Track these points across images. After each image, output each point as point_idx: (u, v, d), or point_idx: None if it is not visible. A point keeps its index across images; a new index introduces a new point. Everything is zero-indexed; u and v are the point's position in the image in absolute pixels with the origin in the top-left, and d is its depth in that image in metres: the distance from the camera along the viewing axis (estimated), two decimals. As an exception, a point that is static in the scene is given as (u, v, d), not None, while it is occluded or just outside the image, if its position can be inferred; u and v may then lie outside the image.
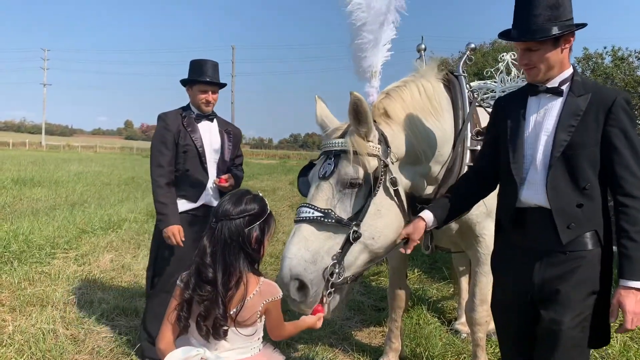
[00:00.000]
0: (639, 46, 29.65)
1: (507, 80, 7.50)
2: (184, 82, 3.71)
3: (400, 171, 2.65)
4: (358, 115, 2.43)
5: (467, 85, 3.07)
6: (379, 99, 2.73)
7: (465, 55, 3.26)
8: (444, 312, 5.03)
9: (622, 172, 2.03)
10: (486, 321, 3.24)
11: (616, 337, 4.02)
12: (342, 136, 2.53)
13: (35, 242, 6.81)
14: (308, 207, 2.40)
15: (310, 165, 2.73)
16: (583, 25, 2.17)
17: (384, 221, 2.49)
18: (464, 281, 4.71)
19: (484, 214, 2.98)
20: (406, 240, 2.45)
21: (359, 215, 2.41)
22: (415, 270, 6.46)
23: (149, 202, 11.14)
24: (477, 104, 3.15)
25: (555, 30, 2.05)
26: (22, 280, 5.17)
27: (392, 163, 2.56)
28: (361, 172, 2.43)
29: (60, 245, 6.87)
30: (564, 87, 2.14)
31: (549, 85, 2.16)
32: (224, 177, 3.64)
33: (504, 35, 2.22)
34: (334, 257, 2.36)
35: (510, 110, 2.28)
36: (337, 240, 2.37)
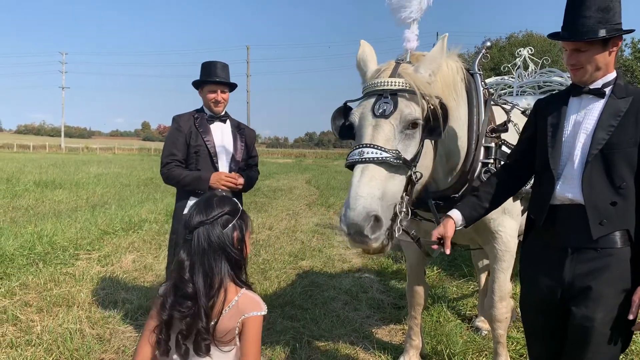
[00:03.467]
0: (659, 37, 29.02)
1: (525, 75, 7.46)
2: (195, 85, 3.79)
3: None
4: (439, 55, 2.53)
5: (483, 83, 3.08)
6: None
7: (482, 53, 3.27)
8: (464, 310, 5.02)
9: None
10: (506, 317, 3.24)
11: (634, 339, 3.99)
12: (394, 76, 2.49)
13: (59, 243, 6.96)
14: (373, 147, 2.32)
15: (346, 107, 2.66)
16: (631, 30, 2.22)
17: (426, 162, 2.53)
18: (484, 277, 4.70)
19: (499, 211, 2.96)
20: (441, 242, 2.44)
21: (417, 156, 2.43)
22: (435, 268, 6.45)
23: (169, 203, 11.28)
24: (492, 102, 3.15)
25: (603, 33, 2.08)
26: (47, 281, 5.28)
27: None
28: (422, 112, 2.41)
29: (83, 247, 6.99)
30: (607, 90, 2.17)
31: (592, 86, 2.19)
32: (233, 175, 3.65)
33: (554, 36, 2.25)
34: (401, 198, 2.36)
35: (550, 110, 2.32)
36: (400, 180, 2.36)
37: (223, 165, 3.73)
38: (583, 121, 2.19)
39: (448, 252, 2.42)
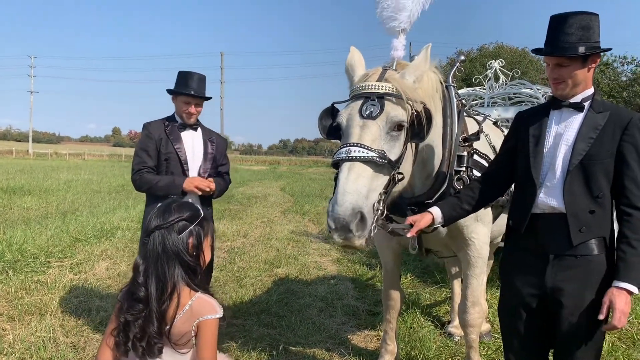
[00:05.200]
0: (622, 52, 30.12)
1: (495, 87, 7.67)
2: (170, 92, 3.81)
3: None
4: (424, 64, 2.65)
5: (456, 94, 3.20)
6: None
7: (456, 67, 3.39)
8: (437, 316, 5.12)
9: (630, 185, 2.21)
10: (478, 322, 3.34)
11: (605, 338, 4.14)
12: (380, 81, 2.60)
13: (29, 251, 6.83)
14: (360, 146, 2.41)
15: (334, 108, 2.75)
16: (609, 49, 2.37)
17: (407, 166, 2.64)
18: (457, 284, 4.81)
19: (472, 218, 3.09)
20: (411, 226, 2.57)
21: (400, 158, 2.53)
22: (408, 275, 6.56)
23: (141, 210, 11.10)
24: (465, 113, 3.27)
25: (583, 49, 2.21)
26: (18, 290, 5.19)
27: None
28: (406, 116, 2.53)
29: (55, 254, 6.88)
30: (586, 104, 2.30)
31: (572, 100, 2.32)
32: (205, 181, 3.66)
33: (537, 51, 2.36)
34: (379, 196, 2.44)
35: (532, 122, 2.43)
36: (383, 180, 2.46)
37: (193, 172, 3.76)
38: (564, 133, 2.31)
39: (409, 235, 2.57)
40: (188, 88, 3.69)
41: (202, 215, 2.12)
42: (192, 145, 3.79)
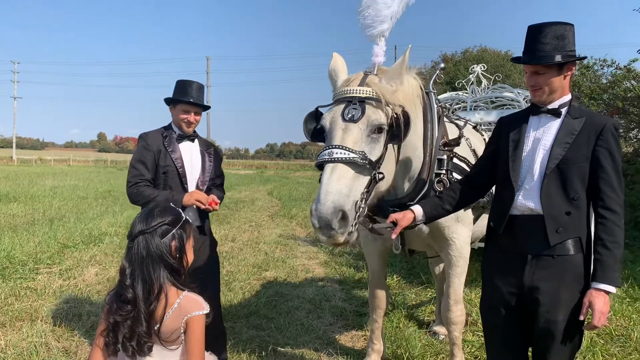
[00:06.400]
0: (602, 54, 30.66)
1: (478, 91, 7.83)
2: (167, 101, 3.71)
3: None
4: (402, 68, 2.76)
5: (436, 100, 3.33)
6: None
7: (436, 74, 3.52)
8: (422, 316, 5.24)
9: (605, 188, 2.31)
10: (461, 320, 3.46)
11: (585, 334, 4.29)
12: (362, 85, 2.72)
13: (17, 257, 6.85)
14: (341, 148, 2.53)
15: (317, 112, 2.86)
16: (584, 57, 2.53)
17: (389, 167, 2.76)
18: (441, 284, 4.92)
19: (452, 219, 3.23)
20: (394, 225, 2.68)
21: (381, 159, 2.65)
22: (394, 276, 6.67)
23: (129, 216, 11.17)
24: (446, 119, 3.40)
25: (559, 58, 2.33)
26: (8, 296, 5.22)
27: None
28: (386, 119, 2.65)
29: (43, 261, 6.90)
30: (563, 110, 2.42)
31: (550, 106, 2.43)
32: (213, 198, 3.59)
33: (516, 60, 2.49)
34: (362, 195, 2.55)
35: (512, 127, 2.55)
36: (365, 180, 2.57)
37: (192, 185, 3.66)
38: (542, 138, 2.43)
39: (394, 236, 2.69)
40: (187, 96, 3.58)
41: (184, 218, 2.21)
42: (190, 157, 3.67)
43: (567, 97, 2.44)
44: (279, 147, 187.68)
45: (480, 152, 3.61)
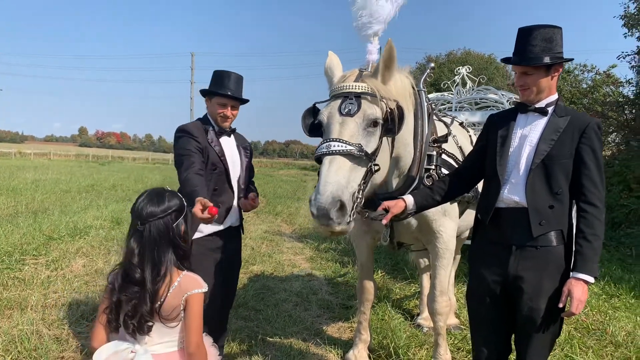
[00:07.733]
0: (582, 59, 31.24)
1: (463, 92, 8.00)
2: (203, 93, 3.43)
3: None
4: (389, 62, 2.85)
5: (426, 99, 3.46)
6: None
7: (427, 73, 3.65)
8: (406, 309, 5.37)
9: (587, 183, 2.43)
10: (446, 310, 3.59)
11: (563, 328, 4.46)
12: (357, 81, 2.84)
13: (2, 248, 6.80)
14: (339, 141, 2.65)
15: (315, 108, 2.97)
16: (570, 59, 2.63)
17: (384, 158, 2.88)
18: (425, 278, 5.06)
19: (439, 212, 3.36)
20: (386, 212, 2.80)
21: (376, 151, 2.76)
22: (380, 272, 6.81)
23: (113, 210, 11.14)
24: (435, 117, 3.54)
25: (547, 60, 2.45)
26: (-5, 286, 5.23)
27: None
28: (381, 113, 2.77)
29: (29, 252, 6.88)
30: (549, 109, 2.55)
31: (537, 105, 2.56)
32: (251, 196, 3.42)
33: (505, 61, 2.61)
34: (359, 186, 2.66)
35: (501, 124, 2.68)
36: (361, 172, 2.68)
37: (234, 182, 3.42)
38: (528, 135, 2.55)
39: (384, 222, 2.81)
40: (224, 88, 3.31)
41: (185, 203, 2.31)
42: (231, 153, 3.43)
43: (554, 97, 2.57)
44: (263, 145, 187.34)
45: (466, 149, 3.76)
